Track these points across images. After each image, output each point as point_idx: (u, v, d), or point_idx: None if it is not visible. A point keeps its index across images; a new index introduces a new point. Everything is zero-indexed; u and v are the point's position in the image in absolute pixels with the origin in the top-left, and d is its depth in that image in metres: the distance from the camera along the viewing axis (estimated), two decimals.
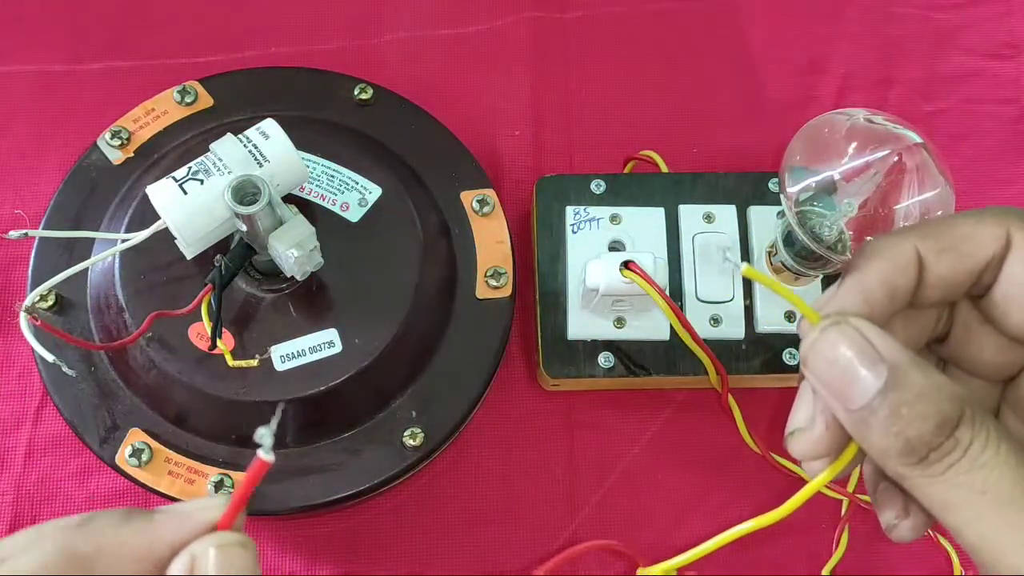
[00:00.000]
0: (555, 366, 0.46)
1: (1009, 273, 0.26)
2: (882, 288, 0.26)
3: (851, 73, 0.56)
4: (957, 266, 0.27)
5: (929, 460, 0.23)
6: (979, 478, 0.23)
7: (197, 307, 0.39)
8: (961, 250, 0.26)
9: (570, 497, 0.47)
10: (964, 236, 0.27)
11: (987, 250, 0.26)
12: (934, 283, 0.27)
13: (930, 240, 0.27)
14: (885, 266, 0.27)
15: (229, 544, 0.23)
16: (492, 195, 0.47)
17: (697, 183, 0.49)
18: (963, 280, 0.27)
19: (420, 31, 0.56)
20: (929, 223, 0.28)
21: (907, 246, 0.27)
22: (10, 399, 0.47)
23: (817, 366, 0.25)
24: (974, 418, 0.23)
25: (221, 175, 0.37)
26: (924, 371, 0.24)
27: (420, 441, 0.42)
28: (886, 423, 0.24)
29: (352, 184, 0.44)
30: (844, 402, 0.25)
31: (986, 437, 0.23)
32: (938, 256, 0.27)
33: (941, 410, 0.23)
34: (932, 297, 0.27)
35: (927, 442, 0.23)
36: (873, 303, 0.26)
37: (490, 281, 0.45)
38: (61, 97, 0.53)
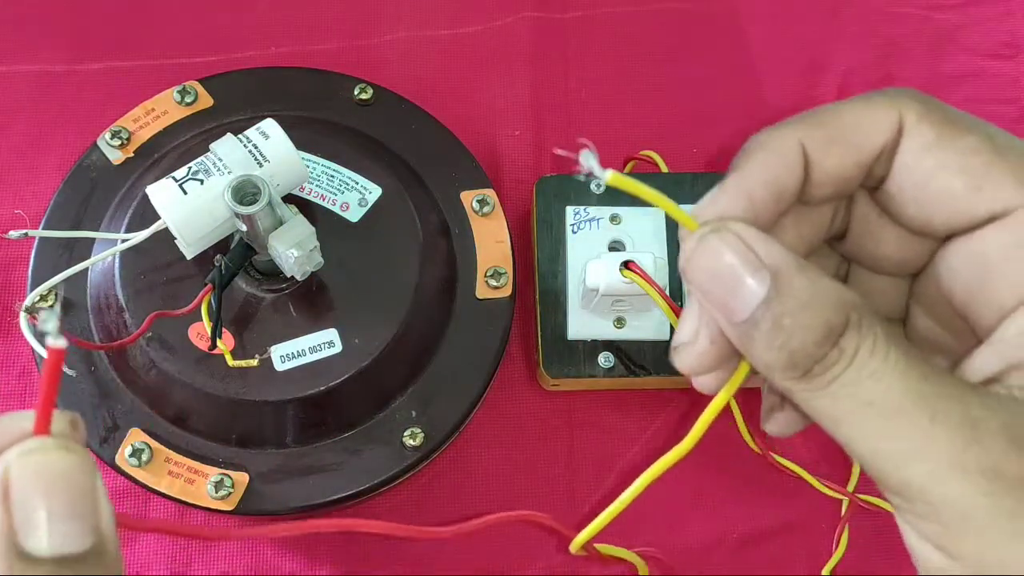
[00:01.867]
0: (555, 366, 0.46)
1: (902, 163, 0.24)
2: (766, 188, 0.24)
3: (851, 73, 0.56)
4: (846, 159, 0.24)
5: (813, 373, 0.22)
6: (865, 389, 0.21)
7: (197, 307, 0.39)
8: (849, 141, 0.24)
9: (570, 497, 0.47)
10: (852, 125, 0.24)
11: (878, 139, 0.24)
12: (822, 179, 0.25)
13: (816, 131, 0.24)
14: (768, 163, 0.24)
15: (48, 448, 0.20)
16: (492, 195, 0.47)
17: (697, 183, 0.49)
18: (854, 173, 0.25)
19: (420, 31, 0.56)
20: (815, 113, 0.25)
21: (791, 140, 0.24)
22: (10, 399, 0.47)
23: (697, 277, 0.23)
24: (860, 324, 0.21)
25: (221, 175, 0.37)
26: (809, 276, 0.22)
27: (420, 441, 0.42)
28: (769, 336, 0.22)
29: (352, 184, 0.44)
30: (728, 315, 0.23)
31: (873, 344, 0.21)
32: (825, 149, 0.24)
33: (826, 319, 0.21)
34: (822, 193, 0.25)
35: (810, 354, 0.22)
36: (757, 204, 0.24)
37: (490, 281, 0.45)
38: (61, 97, 0.53)
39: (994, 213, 0.22)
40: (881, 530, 0.47)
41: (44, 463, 0.19)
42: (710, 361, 0.25)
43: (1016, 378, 0.21)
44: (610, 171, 0.23)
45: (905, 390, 0.21)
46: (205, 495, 0.41)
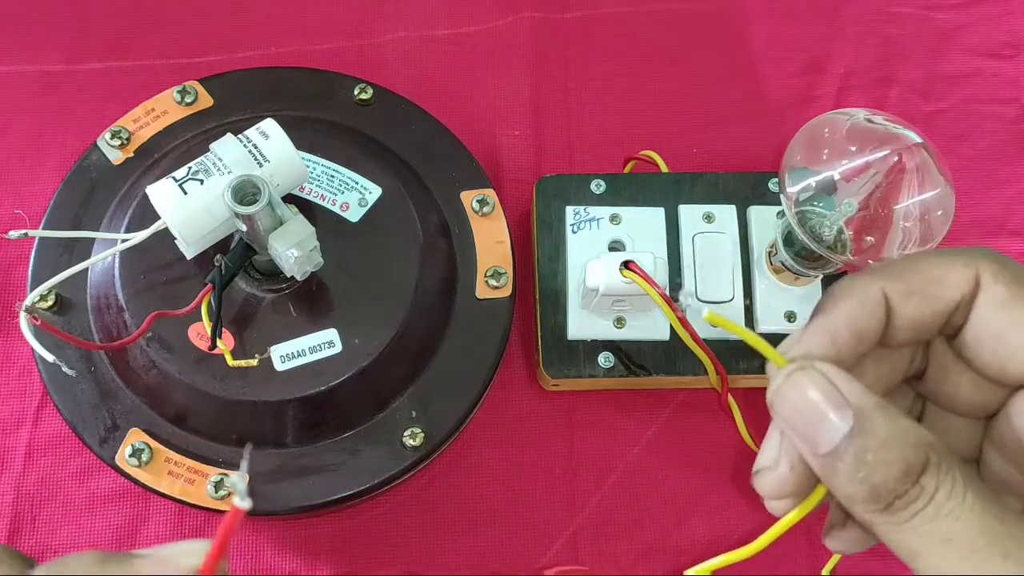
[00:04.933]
0: (555, 366, 0.46)
1: (978, 316, 0.26)
2: (849, 330, 0.26)
3: (851, 73, 0.56)
4: (925, 309, 0.26)
5: (894, 507, 0.23)
6: (944, 526, 0.23)
7: (197, 307, 0.39)
8: (928, 293, 0.26)
9: (570, 497, 0.47)
10: (932, 279, 0.26)
11: (955, 292, 0.26)
12: (902, 325, 0.27)
13: (897, 282, 0.26)
14: (852, 308, 0.26)
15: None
16: (492, 195, 0.47)
17: (697, 183, 0.49)
18: (932, 322, 0.27)
19: (420, 31, 0.56)
20: (897, 264, 0.27)
21: (874, 288, 0.26)
22: (10, 399, 0.47)
23: (783, 410, 0.25)
24: (940, 465, 0.23)
25: (221, 175, 0.37)
26: (890, 416, 0.24)
27: (420, 441, 0.42)
28: (852, 469, 0.24)
29: (352, 184, 0.44)
30: (811, 446, 0.25)
31: (951, 485, 0.23)
32: (905, 298, 0.26)
33: (905, 457, 0.23)
34: (902, 338, 0.27)
35: (892, 489, 0.23)
36: (840, 345, 0.26)
37: (490, 281, 0.45)
38: (61, 97, 0.53)
39: None
40: None
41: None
42: (788, 487, 0.27)
43: None
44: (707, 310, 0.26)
45: (980, 529, 0.23)
46: (205, 495, 0.41)
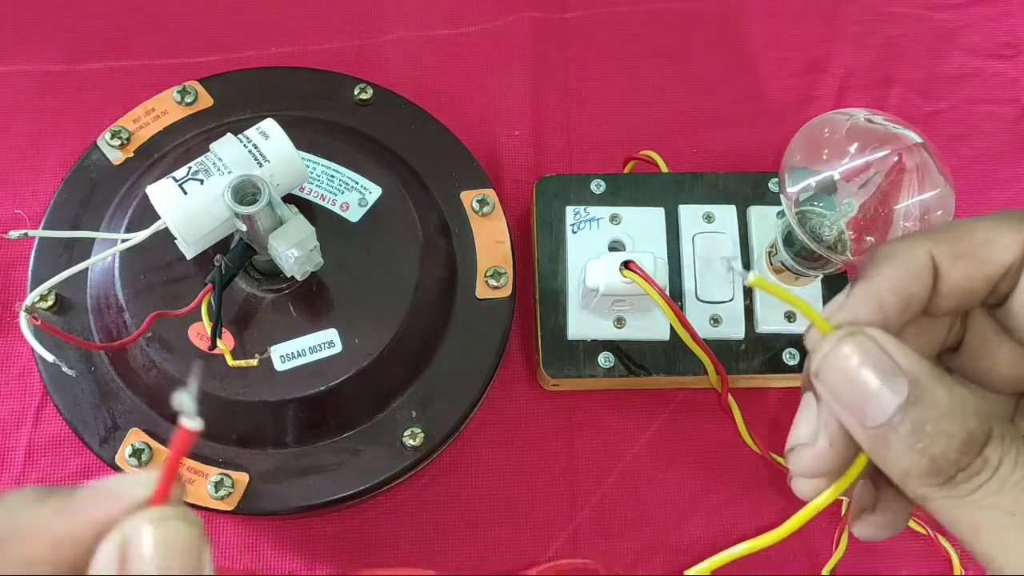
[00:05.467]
0: (555, 366, 0.46)
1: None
2: (895, 296, 0.25)
3: (851, 73, 0.56)
4: (974, 273, 0.25)
5: (956, 480, 0.22)
6: (1009, 499, 0.22)
7: (197, 307, 0.39)
8: (978, 256, 0.25)
9: (570, 497, 0.47)
10: (982, 242, 0.25)
11: (1005, 256, 0.25)
12: (949, 291, 0.25)
13: (945, 245, 0.25)
14: (899, 272, 0.25)
15: (168, 518, 0.20)
16: (492, 195, 0.47)
17: (697, 183, 0.49)
18: (980, 288, 0.25)
19: (420, 31, 0.56)
20: (944, 227, 0.26)
21: (921, 251, 0.25)
22: (10, 399, 0.47)
23: (831, 380, 0.24)
24: (1003, 436, 0.22)
25: (221, 175, 0.37)
26: (947, 385, 0.23)
27: (420, 441, 0.42)
28: (908, 441, 0.22)
29: (352, 184, 0.44)
30: (861, 419, 0.23)
31: (1016, 456, 0.22)
32: (954, 262, 0.25)
33: (968, 427, 0.22)
34: (947, 305, 0.26)
35: (954, 461, 0.22)
36: (887, 311, 0.25)
37: (490, 281, 0.45)
38: (61, 97, 0.53)
39: None
40: None
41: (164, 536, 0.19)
42: (827, 463, 0.26)
43: None
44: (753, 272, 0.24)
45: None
46: (205, 495, 0.41)
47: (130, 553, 0.19)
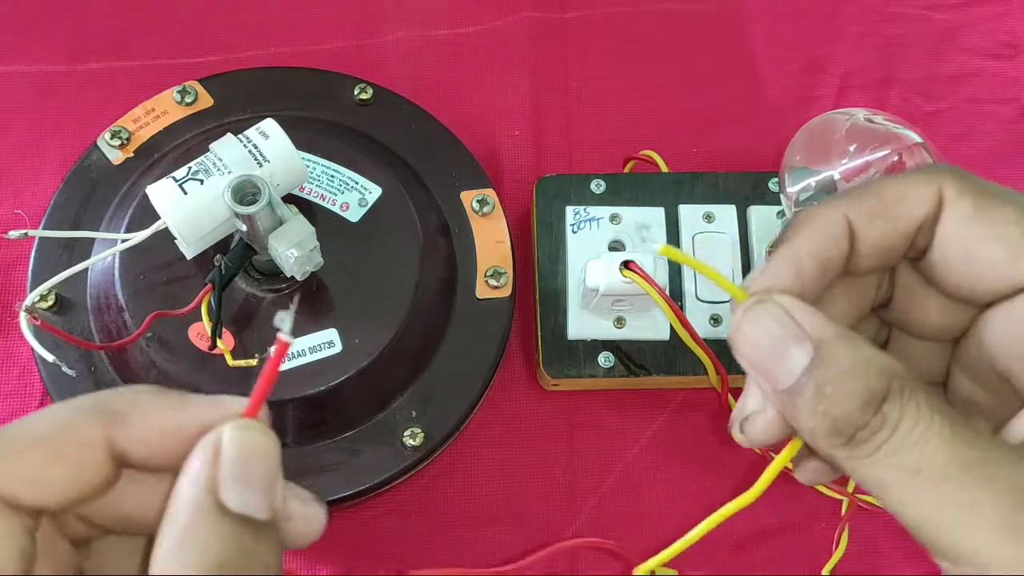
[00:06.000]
0: (555, 366, 0.46)
1: (944, 234, 0.25)
2: (813, 260, 0.25)
3: (851, 73, 0.56)
4: (889, 231, 0.25)
5: (857, 440, 0.22)
6: (912, 456, 0.22)
7: (197, 307, 0.39)
8: (892, 214, 0.25)
9: (570, 497, 0.47)
10: (894, 199, 0.25)
11: (919, 211, 0.25)
12: (867, 251, 0.26)
13: (860, 206, 0.26)
14: (815, 237, 0.25)
15: (251, 428, 0.23)
16: (492, 195, 0.47)
17: (697, 183, 0.49)
18: (897, 245, 0.26)
19: (420, 31, 0.56)
20: (858, 188, 0.26)
21: (836, 214, 0.26)
22: (10, 399, 0.47)
23: (743, 347, 0.25)
24: (903, 391, 0.22)
25: (221, 175, 0.37)
26: (851, 345, 0.23)
27: (420, 441, 0.42)
28: (812, 403, 0.23)
29: (352, 184, 0.44)
30: (773, 383, 0.24)
31: (916, 411, 0.22)
32: (869, 222, 0.25)
33: (867, 386, 0.22)
34: (868, 264, 0.26)
35: (853, 421, 0.22)
36: (804, 276, 0.25)
37: (490, 281, 0.45)
38: (61, 97, 0.53)
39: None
40: (881, 530, 0.47)
41: (252, 439, 0.23)
42: (778, 430, 0.26)
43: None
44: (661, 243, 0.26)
45: (951, 456, 0.21)
46: None
47: (223, 447, 0.22)
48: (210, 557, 0.21)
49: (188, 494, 0.22)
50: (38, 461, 0.22)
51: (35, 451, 0.22)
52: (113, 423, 0.23)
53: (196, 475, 0.22)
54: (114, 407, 0.23)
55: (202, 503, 0.22)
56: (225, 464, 0.22)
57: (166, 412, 0.23)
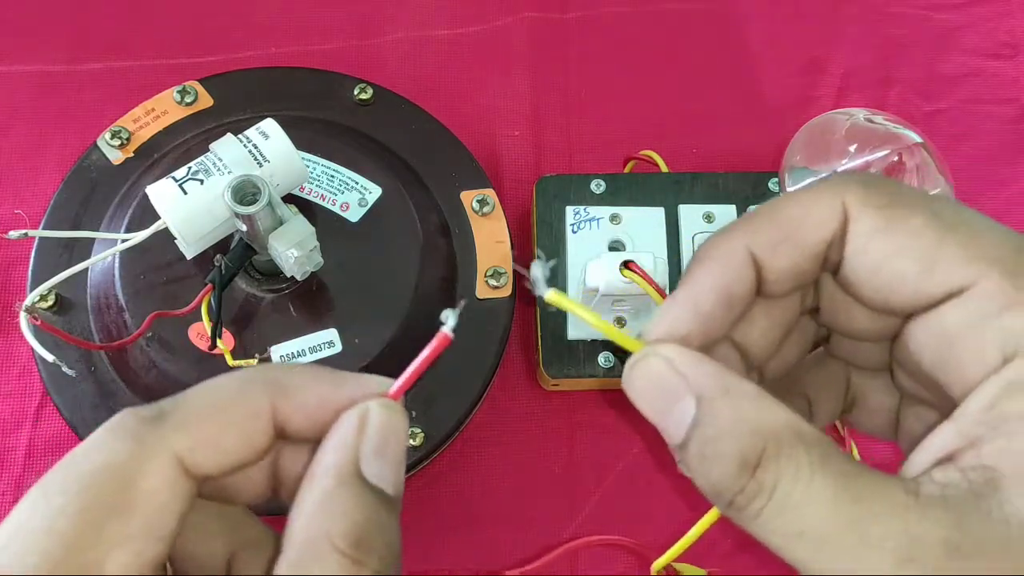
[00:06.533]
0: (555, 366, 0.46)
1: (852, 250, 0.24)
2: (715, 298, 0.24)
3: (851, 73, 0.56)
4: (795, 256, 0.24)
5: (736, 505, 0.22)
6: (791, 520, 0.21)
7: (197, 307, 0.39)
8: (795, 239, 0.24)
9: (570, 497, 0.47)
10: (796, 221, 0.24)
11: (823, 231, 0.24)
12: (777, 277, 0.24)
13: (760, 235, 0.24)
14: (714, 274, 0.24)
15: (394, 408, 0.24)
16: (492, 195, 0.47)
17: (697, 183, 0.49)
18: (807, 268, 0.24)
19: (420, 31, 0.56)
20: (758, 215, 0.25)
21: (737, 247, 0.24)
22: (10, 399, 0.47)
23: (635, 401, 0.24)
24: (779, 454, 0.21)
25: (221, 175, 0.37)
26: (731, 403, 0.22)
27: (420, 441, 0.42)
28: (696, 463, 0.22)
29: (352, 184, 0.44)
30: (665, 437, 0.23)
31: (795, 472, 0.21)
32: (773, 250, 0.24)
33: (740, 449, 0.21)
34: (782, 289, 0.25)
35: (729, 486, 0.21)
36: (705, 316, 0.24)
37: (490, 281, 0.45)
38: (61, 97, 0.53)
39: (950, 291, 0.22)
40: None
41: (394, 418, 0.24)
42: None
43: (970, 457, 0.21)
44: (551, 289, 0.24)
45: (834, 517, 0.20)
46: None
47: (367, 423, 0.24)
48: (350, 522, 0.22)
49: (333, 460, 0.23)
50: (215, 428, 0.23)
51: (213, 419, 0.23)
52: (278, 393, 0.24)
53: (342, 442, 0.23)
54: (279, 379, 0.24)
55: (345, 471, 0.23)
56: (370, 436, 0.23)
57: (324, 385, 0.24)
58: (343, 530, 0.22)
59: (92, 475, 0.22)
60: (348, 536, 0.22)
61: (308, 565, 0.22)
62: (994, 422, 0.21)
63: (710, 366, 0.23)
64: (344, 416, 0.24)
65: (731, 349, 0.26)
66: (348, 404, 0.24)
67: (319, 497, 0.23)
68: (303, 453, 0.25)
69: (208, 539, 0.25)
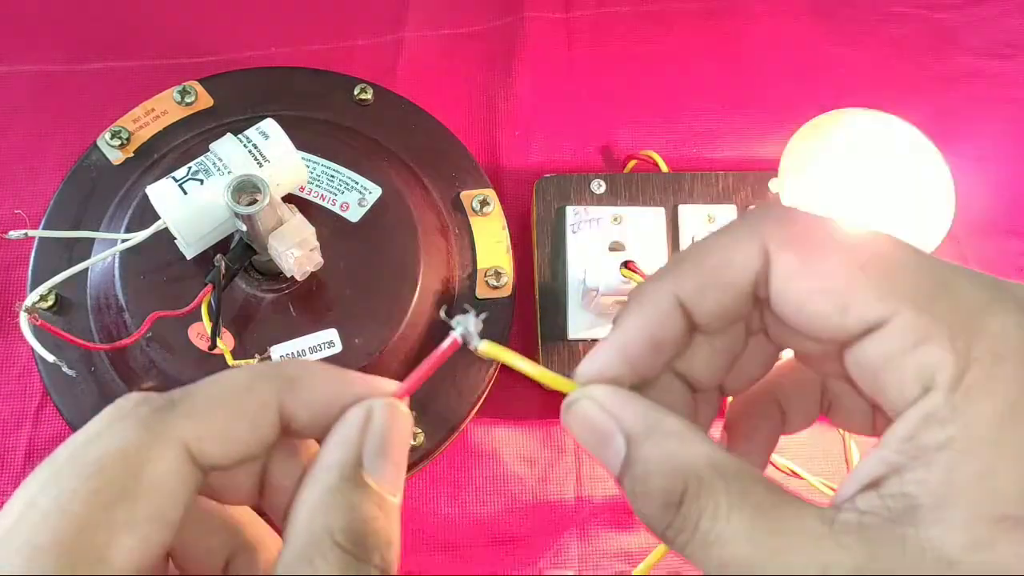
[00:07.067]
0: (555, 366, 0.46)
1: (774, 289, 0.24)
2: (642, 343, 0.25)
3: (851, 73, 0.56)
4: (722, 298, 0.25)
5: (667, 537, 0.23)
6: (715, 554, 0.22)
7: (197, 307, 0.39)
8: (720, 282, 0.25)
9: (570, 497, 0.47)
10: (719, 267, 0.25)
11: (747, 275, 0.25)
12: (707, 319, 0.25)
13: (685, 281, 0.25)
14: (642, 321, 0.25)
15: (398, 408, 0.25)
16: (492, 195, 0.47)
17: (697, 183, 0.49)
18: (736, 307, 0.25)
19: (420, 31, 0.56)
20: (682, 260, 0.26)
21: (662, 294, 0.25)
22: (10, 399, 0.47)
23: (576, 438, 0.25)
24: (700, 491, 0.22)
25: (221, 175, 0.37)
26: (656, 442, 0.23)
27: (420, 441, 0.42)
28: (631, 498, 0.23)
29: (352, 184, 0.44)
30: (606, 470, 0.24)
31: (714, 509, 0.22)
32: (700, 295, 0.25)
33: (664, 486, 0.22)
34: (715, 327, 0.26)
35: (657, 521, 0.23)
36: (634, 359, 0.25)
37: (490, 281, 0.45)
38: (61, 97, 0.53)
39: (866, 327, 0.23)
40: None
41: (398, 418, 0.25)
42: None
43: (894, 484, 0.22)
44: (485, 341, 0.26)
45: (753, 550, 0.21)
46: None
47: (371, 422, 0.24)
48: (350, 519, 0.22)
49: (336, 457, 0.23)
50: (224, 419, 0.23)
51: (222, 409, 0.24)
52: (286, 387, 0.24)
53: (346, 439, 0.24)
54: (288, 373, 0.24)
55: (348, 468, 0.23)
56: (373, 435, 0.24)
57: (332, 381, 0.25)
58: (345, 526, 0.22)
59: (103, 459, 0.22)
60: (349, 532, 0.22)
61: (310, 558, 0.22)
62: (914, 451, 0.22)
63: (638, 406, 0.24)
64: (349, 413, 0.24)
65: (673, 379, 0.27)
66: (354, 402, 0.24)
67: (321, 492, 0.23)
68: (293, 461, 0.25)
69: (207, 536, 0.25)
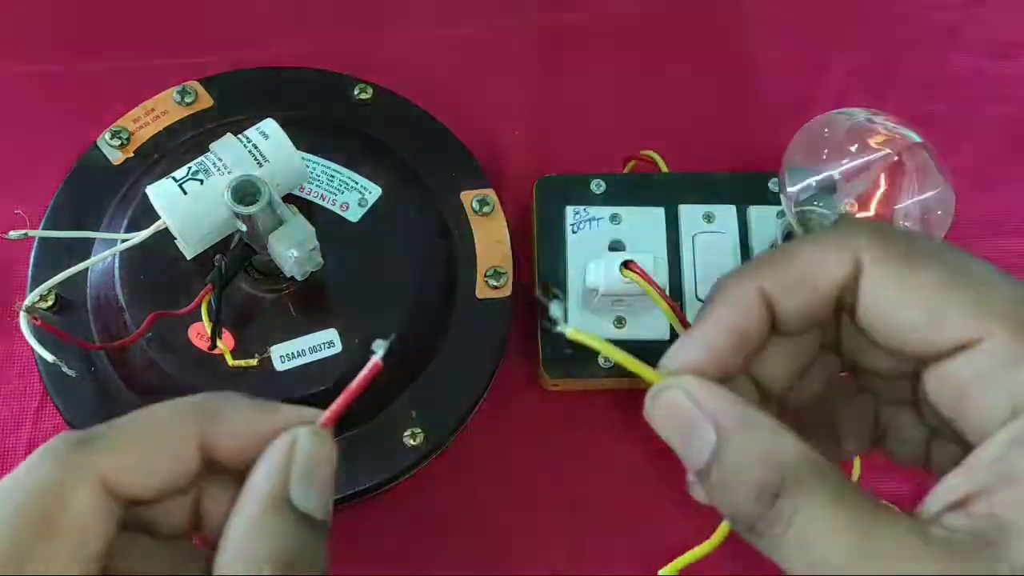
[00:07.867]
0: (555, 366, 0.46)
1: (865, 300, 0.24)
2: (727, 336, 0.25)
3: (851, 73, 0.56)
4: (810, 299, 0.25)
5: (756, 531, 0.23)
6: (806, 550, 0.22)
7: (197, 307, 0.39)
8: (807, 283, 0.25)
9: (570, 497, 0.47)
10: (809, 268, 0.25)
11: (835, 279, 0.25)
12: (790, 317, 0.25)
13: (774, 278, 0.25)
14: (729, 312, 0.25)
15: (322, 436, 0.25)
16: (492, 195, 0.47)
17: (697, 183, 0.49)
18: (820, 310, 0.25)
19: (420, 31, 0.56)
20: (773, 257, 0.26)
21: (749, 287, 0.25)
22: (10, 399, 0.47)
23: (657, 430, 0.25)
24: (799, 485, 0.22)
25: (221, 175, 0.37)
26: (752, 433, 0.23)
27: (420, 441, 0.42)
28: (717, 489, 0.23)
29: (352, 184, 0.44)
30: (688, 465, 0.24)
31: (811, 504, 0.22)
32: (786, 292, 0.25)
33: (760, 478, 0.22)
34: (796, 328, 0.26)
35: (748, 513, 0.22)
36: (717, 351, 0.25)
37: (490, 281, 0.45)
38: (61, 97, 0.53)
39: (959, 344, 0.23)
40: None
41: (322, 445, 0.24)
42: None
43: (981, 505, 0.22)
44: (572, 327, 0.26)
45: (847, 551, 0.21)
46: None
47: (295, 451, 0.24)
48: (279, 547, 0.23)
49: (263, 486, 0.23)
50: (142, 452, 0.24)
51: (140, 442, 0.24)
52: (208, 419, 0.24)
53: (271, 468, 0.24)
54: (210, 406, 0.25)
55: (274, 496, 0.23)
56: (299, 463, 0.24)
57: (254, 412, 0.25)
58: (272, 554, 0.23)
59: (22, 497, 0.22)
60: (277, 560, 0.22)
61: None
62: (1004, 473, 0.21)
63: (729, 397, 0.24)
64: (274, 443, 0.24)
65: (747, 381, 0.27)
66: (277, 433, 0.24)
67: (248, 522, 0.23)
68: (226, 491, 0.25)
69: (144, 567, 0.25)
